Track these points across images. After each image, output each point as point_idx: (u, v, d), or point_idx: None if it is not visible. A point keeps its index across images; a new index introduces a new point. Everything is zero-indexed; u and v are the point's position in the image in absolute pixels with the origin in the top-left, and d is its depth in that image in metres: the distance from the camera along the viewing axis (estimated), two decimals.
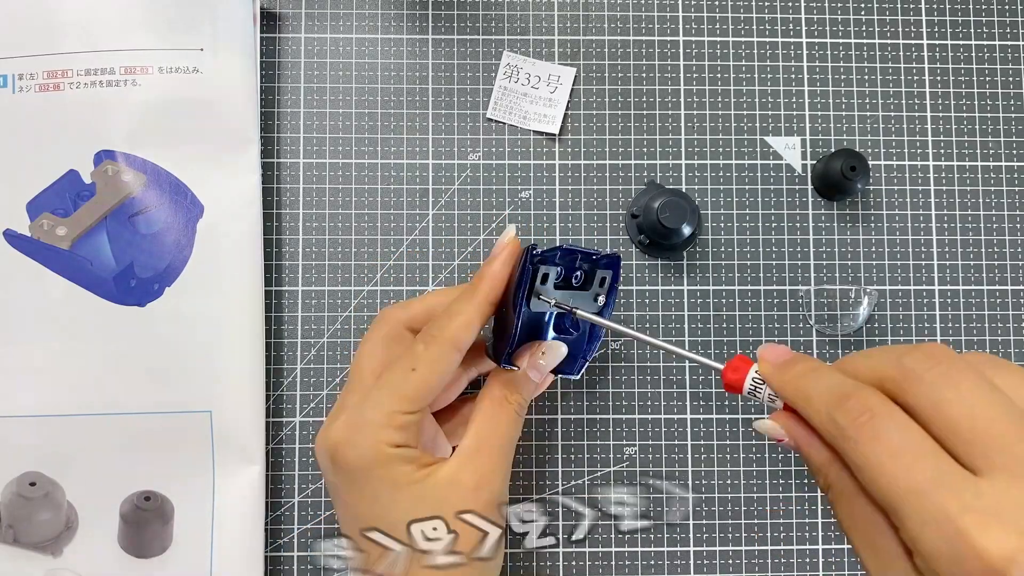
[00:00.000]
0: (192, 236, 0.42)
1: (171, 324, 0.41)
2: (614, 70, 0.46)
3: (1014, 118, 0.47)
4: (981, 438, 0.23)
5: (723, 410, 0.45)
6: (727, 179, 0.46)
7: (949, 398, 0.24)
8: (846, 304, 0.44)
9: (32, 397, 0.41)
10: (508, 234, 0.36)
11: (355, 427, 0.34)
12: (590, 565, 0.44)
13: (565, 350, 0.36)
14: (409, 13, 0.46)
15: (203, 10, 0.42)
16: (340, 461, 0.34)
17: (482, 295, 0.35)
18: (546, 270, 0.35)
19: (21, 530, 0.41)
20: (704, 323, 0.45)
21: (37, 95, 0.42)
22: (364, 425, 0.34)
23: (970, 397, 0.24)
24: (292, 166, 0.45)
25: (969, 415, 0.24)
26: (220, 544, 0.41)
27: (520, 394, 0.37)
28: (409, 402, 0.34)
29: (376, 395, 0.34)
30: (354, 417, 0.34)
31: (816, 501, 0.44)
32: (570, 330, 0.38)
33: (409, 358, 0.35)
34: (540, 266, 0.35)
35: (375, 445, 0.33)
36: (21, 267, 0.41)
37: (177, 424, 0.41)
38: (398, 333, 0.37)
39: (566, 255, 0.36)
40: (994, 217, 0.46)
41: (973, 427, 0.23)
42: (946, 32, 0.47)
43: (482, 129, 0.45)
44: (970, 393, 0.24)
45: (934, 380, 0.24)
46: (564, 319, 0.38)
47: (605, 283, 0.37)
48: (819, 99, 0.46)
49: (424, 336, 0.35)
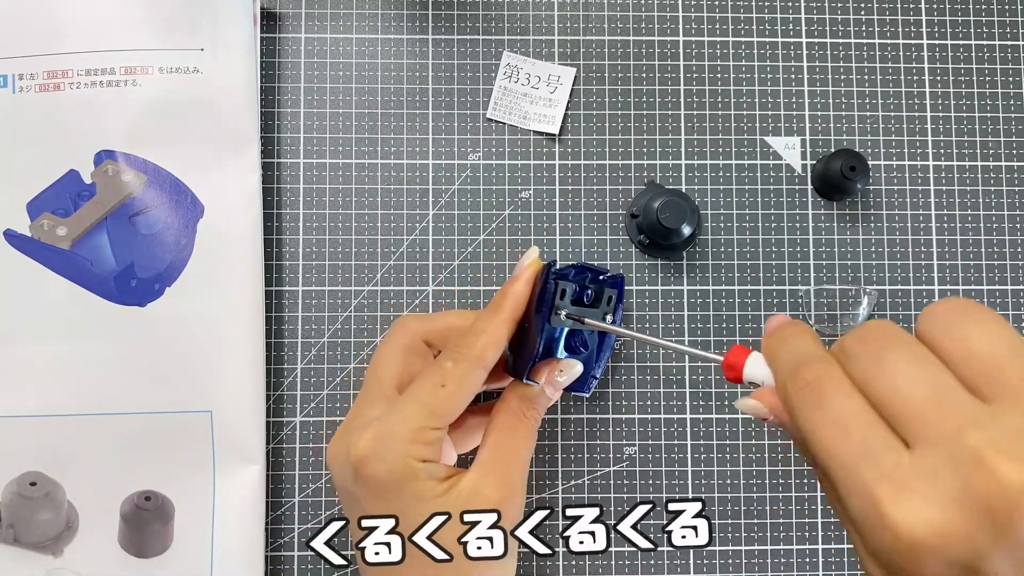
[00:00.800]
0: (192, 236, 0.42)
1: (171, 324, 0.41)
2: (614, 70, 0.46)
3: (1014, 118, 0.47)
4: (904, 413, 0.23)
5: (723, 410, 0.45)
6: (727, 179, 0.46)
7: (875, 373, 0.24)
8: (846, 304, 0.44)
9: (33, 397, 0.41)
10: (531, 255, 0.37)
11: (383, 441, 0.34)
12: (590, 565, 0.44)
13: (581, 368, 0.38)
14: (409, 13, 0.46)
15: (203, 10, 0.42)
16: (366, 474, 0.34)
17: (506, 313, 0.36)
18: (564, 286, 0.36)
19: (22, 530, 0.41)
20: (704, 323, 0.45)
21: (37, 95, 0.42)
22: (392, 439, 0.34)
23: (892, 375, 0.24)
24: (292, 166, 0.45)
25: (891, 392, 0.24)
26: (220, 544, 0.41)
27: (536, 409, 0.38)
28: (437, 418, 0.35)
29: (404, 409, 0.35)
30: (382, 431, 0.34)
31: (816, 501, 0.44)
32: (580, 348, 0.39)
33: (438, 374, 0.35)
34: (559, 282, 0.36)
35: (403, 459, 0.34)
36: (21, 267, 0.41)
37: (177, 424, 0.41)
38: (416, 345, 0.38)
39: (580, 272, 0.38)
40: (994, 217, 0.46)
41: (896, 403, 0.23)
42: (946, 32, 0.47)
43: (482, 129, 0.45)
44: (893, 371, 0.24)
45: (866, 356, 0.25)
46: (574, 338, 0.39)
47: (612, 301, 0.38)
48: (819, 99, 0.46)
49: (452, 354, 0.36)
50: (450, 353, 0.36)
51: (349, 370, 0.44)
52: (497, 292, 0.38)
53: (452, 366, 0.35)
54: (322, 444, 0.44)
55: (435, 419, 0.35)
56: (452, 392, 0.35)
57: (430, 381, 0.35)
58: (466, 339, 0.36)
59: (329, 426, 0.44)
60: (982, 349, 0.23)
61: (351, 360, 0.44)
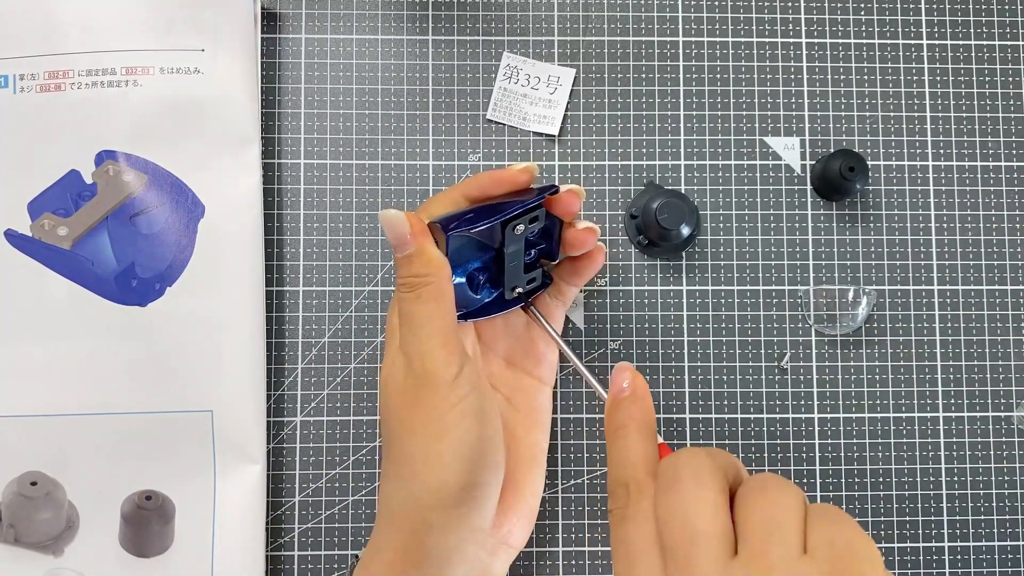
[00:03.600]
0: (193, 236, 0.42)
1: (172, 324, 0.42)
2: (614, 71, 0.46)
3: (1014, 118, 0.47)
4: (673, 547, 0.26)
5: (722, 410, 0.45)
6: (726, 179, 0.46)
7: (664, 506, 0.27)
8: (845, 304, 0.45)
9: (33, 397, 0.41)
10: (525, 166, 0.38)
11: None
12: (590, 564, 0.44)
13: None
14: (409, 14, 0.46)
15: (204, 11, 0.42)
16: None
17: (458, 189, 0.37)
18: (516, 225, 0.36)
19: (22, 529, 0.41)
20: (703, 323, 0.45)
21: (38, 95, 0.42)
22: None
23: (677, 512, 0.27)
24: (293, 167, 0.45)
25: (671, 526, 0.27)
26: (221, 543, 0.41)
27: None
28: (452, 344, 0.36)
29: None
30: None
31: (816, 501, 0.44)
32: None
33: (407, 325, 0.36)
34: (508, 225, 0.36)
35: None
36: (22, 267, 0.42)
37: (178, 424, 0.41)
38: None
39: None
40: (994, 217, 0.46)
41: (669, 537, 0.26)
42: (946, 32, 0.47)
43: (482, 130, 0.46)
44: (681, 509, 0.27)
45: (664, 488, 0.28)
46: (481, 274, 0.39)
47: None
48: (818, 99, 0.46)
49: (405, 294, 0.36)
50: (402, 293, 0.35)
51: (349, 370, 0.44)
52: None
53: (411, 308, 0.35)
54: (322, 444, 0.44)
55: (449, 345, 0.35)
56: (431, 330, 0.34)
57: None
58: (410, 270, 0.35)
59: (329, 426, 0.44)
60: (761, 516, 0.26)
61: (351, 360, 0.44)
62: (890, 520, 0.44)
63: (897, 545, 0.44)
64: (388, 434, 0.35)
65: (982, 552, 0.44)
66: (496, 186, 0.37)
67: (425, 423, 0.34)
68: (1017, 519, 0.45)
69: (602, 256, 0.39)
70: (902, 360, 0.45)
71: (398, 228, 0.35)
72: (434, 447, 0.33)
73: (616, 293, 0.45)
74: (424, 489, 0.34)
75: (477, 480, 0.34)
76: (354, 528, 0.43)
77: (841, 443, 0.45)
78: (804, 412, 0.45)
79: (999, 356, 0.45)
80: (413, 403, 0.34)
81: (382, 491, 0.36)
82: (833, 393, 0.45)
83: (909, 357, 0.45)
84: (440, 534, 0.34)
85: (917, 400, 0.45)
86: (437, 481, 0.33)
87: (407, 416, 0.34)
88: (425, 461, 0.34)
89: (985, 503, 0.45)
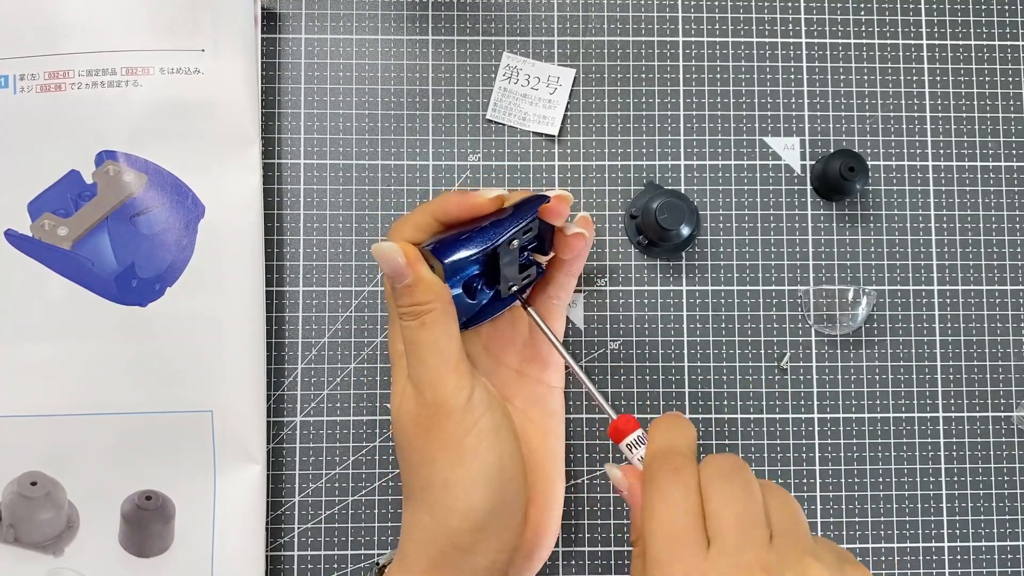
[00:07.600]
0: (193, 236, 0.42)
1: (172, 324, 0.42)
2: (613, 71, 0.46)
3: (1014, 118, 0.47)
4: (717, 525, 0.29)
5: (722, 410, 0.45)
6: (726, 180, 0.46)
7: (715, 490, 0.30)
8: (845, 304, 0.45)
9: (33, 397, 0.41)
10: (494, 193, 0.36)
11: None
12: (590, 564, 0.44)
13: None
14: (409, 14, 0.46)
15: (204, 11, 0.42)
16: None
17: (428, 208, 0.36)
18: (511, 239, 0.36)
19: (22, 529, 0.41)
20: (703, 323, 0.45)
21: (39, 95, 0.42)
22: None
23: (722, 497, 0.29)
24: (293, 167, 0.45)
25: (715, 506, 0.29)
26: (221, 543, 0.41)
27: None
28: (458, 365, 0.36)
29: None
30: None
31: (816, 501, 0.44)
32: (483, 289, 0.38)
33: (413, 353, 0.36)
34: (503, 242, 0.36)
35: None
36: (22, 267, 0.42)
37: (178, 424, 0.41)
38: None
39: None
40: (994, 217, 0.46)
41: (715, 516, 0.29)
42: (946, 32, 0.47)
43: (482, 130, 0.46)
44: (724, 494, 0.29)
45: (708, 475, 0.30)
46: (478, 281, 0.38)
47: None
48: (818, 99, 0.46)
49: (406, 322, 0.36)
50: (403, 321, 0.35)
51: (349, 370, 0.44)
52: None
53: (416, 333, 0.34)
54: (322, 444, 0.44)
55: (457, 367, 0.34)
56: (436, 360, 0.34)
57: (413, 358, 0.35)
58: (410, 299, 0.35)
59: (329, 426, 0.44)
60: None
61: (351, 360, 0.44)
62: (890, 520, 0.44)
63: (897, 545, 0.44)
64: (406, 464, 0.35)
65: (982, 552, 0.44)
66: (463, 212, 0.36)
67: (444, 451, 0.33)
68: (1017, 519, 0.45)
69: (591, 233, 0.38)
70: (902, 360, 0.45)
71: (393, 259, 0.34)
72: (456, 473, 0.33)
73: (616, 293, 0.45)
74: (453, 516, 0.33)
75: (503, 498, 0.34)
76: (354, 528, 0.43)
77: (841, 443, 0.45)
78: (804, 412, 0.45)
79: (999, 356, 0.45)
80: (428, 432, 0.34)
81: (406, 518, 0.35)
82: (833, 393, 0.45)
83: (909, 357, 0.45)
84: (472, 555, 0.34)
85: (917, 400, 0.45)
86: (464, 507, 0.33)
87: (423, 445, 0.34)
88: (449, 489, 0.33)
89: (985, 503, 0.45)
